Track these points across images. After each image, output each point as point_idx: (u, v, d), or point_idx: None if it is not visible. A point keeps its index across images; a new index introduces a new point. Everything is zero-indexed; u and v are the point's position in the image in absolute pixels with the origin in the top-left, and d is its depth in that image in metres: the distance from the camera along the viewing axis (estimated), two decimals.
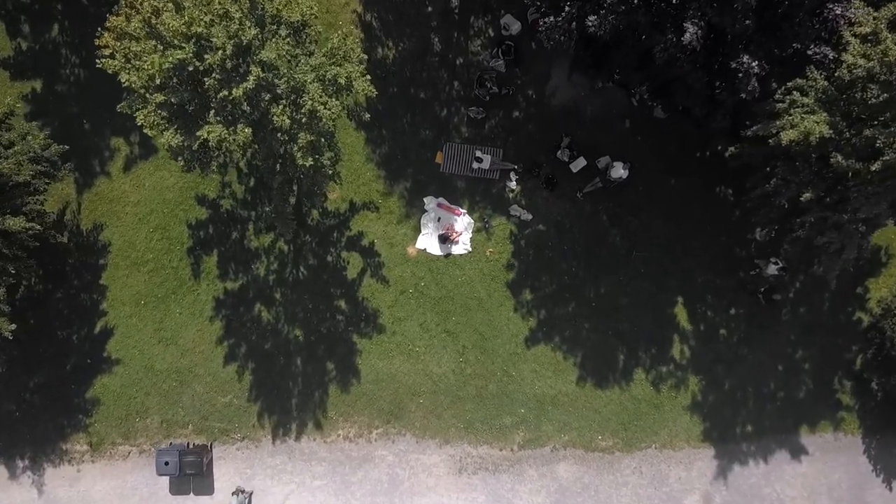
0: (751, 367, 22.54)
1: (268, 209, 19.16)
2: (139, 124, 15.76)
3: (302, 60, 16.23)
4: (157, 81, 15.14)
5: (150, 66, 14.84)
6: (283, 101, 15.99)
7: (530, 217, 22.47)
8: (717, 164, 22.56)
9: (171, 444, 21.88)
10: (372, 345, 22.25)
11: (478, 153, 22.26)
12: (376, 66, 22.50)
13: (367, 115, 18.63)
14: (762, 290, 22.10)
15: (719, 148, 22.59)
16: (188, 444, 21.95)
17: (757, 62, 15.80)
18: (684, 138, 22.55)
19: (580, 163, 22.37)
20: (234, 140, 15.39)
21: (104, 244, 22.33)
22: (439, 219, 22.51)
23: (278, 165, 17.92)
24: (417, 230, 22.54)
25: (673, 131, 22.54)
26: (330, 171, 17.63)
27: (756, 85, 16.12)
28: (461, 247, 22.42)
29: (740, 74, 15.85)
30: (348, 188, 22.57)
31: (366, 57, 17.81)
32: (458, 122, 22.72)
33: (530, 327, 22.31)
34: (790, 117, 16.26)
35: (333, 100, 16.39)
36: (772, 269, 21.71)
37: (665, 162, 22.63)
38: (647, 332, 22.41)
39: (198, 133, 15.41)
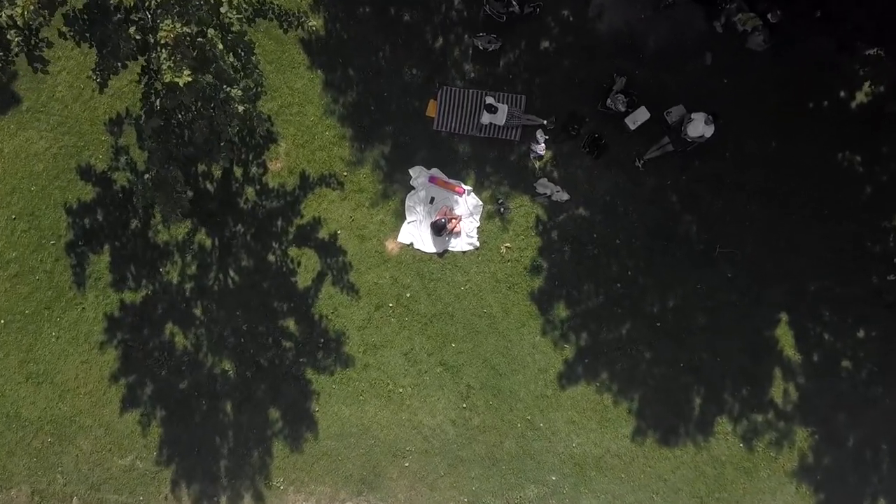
0: (886, 414, 15.46)
1: (146, 177, 12.06)
2: None
3: None
4: None
5: None
6: None
7: (566, 197, 15.30)
8: (841, 119, 15.35)
9: None
10: (334, 384, 15.33)
11: (489, 100, 15.02)
12: None
13: (313, 24, 11.51)
14: None
15: (842, 94, 15.38)
16: None
17: None
18: (792, 80, 15.25)
19: (641, 115, 15.12)
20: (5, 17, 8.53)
21: None
22: (432, 199, 15.40)
23: (158, 101, 10.83)
24: (400, 216, 15.45)
25: (776, 70, 15.24)
26: (241, 109, 10.50)
27: None
28: (464, 241, 15.33)
29: None
30: (298, 154, 15.46)
31: None
32: (459, 57, 15.46)
33: (565, 358, 15.30)
34: None
35: None
36: None
37: (763, 115, 15.34)
38: (736, 364, 15.34)
39: None
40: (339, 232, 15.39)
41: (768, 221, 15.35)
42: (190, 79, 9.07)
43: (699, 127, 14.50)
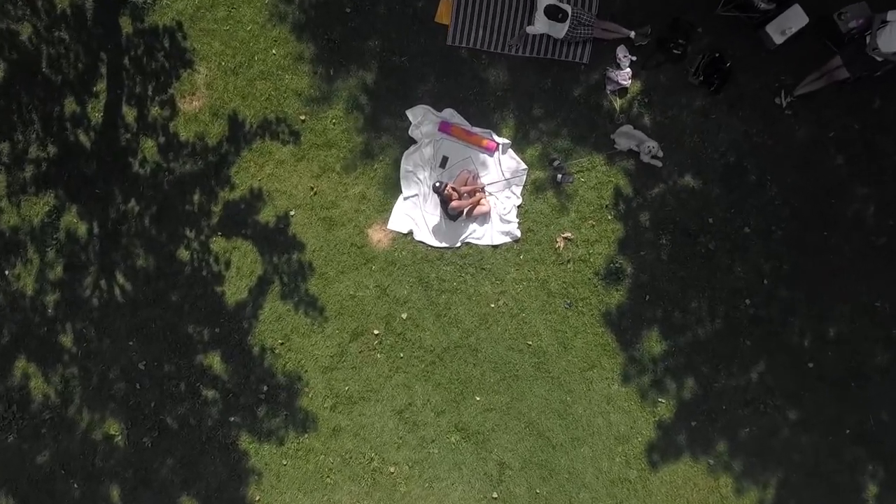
0: None
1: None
2: None
3: None
4: None
5: None
6: None
7: (660, 156, 9.35)
8: None
9: None
10: (285, 458, 9.52)
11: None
12: None
13: None
14: None
15: None
16: None
17: None
18: None
19: (793, 20, 9.04)
20: None
21: None
22: (444, 161, 9.50)
23: None
24: (392, 188, 9.55)
25: None
26: None
27: None
28: (495, 228, 9.43)
29: None
30: (228, 86, 9.56)
31: None
32: None
33: (658, 419, 9.43)
34: None
35: None
36: None
37: None
38: None
39: None
40: (292, 213, 9.52)
41: None
42: None
43: None
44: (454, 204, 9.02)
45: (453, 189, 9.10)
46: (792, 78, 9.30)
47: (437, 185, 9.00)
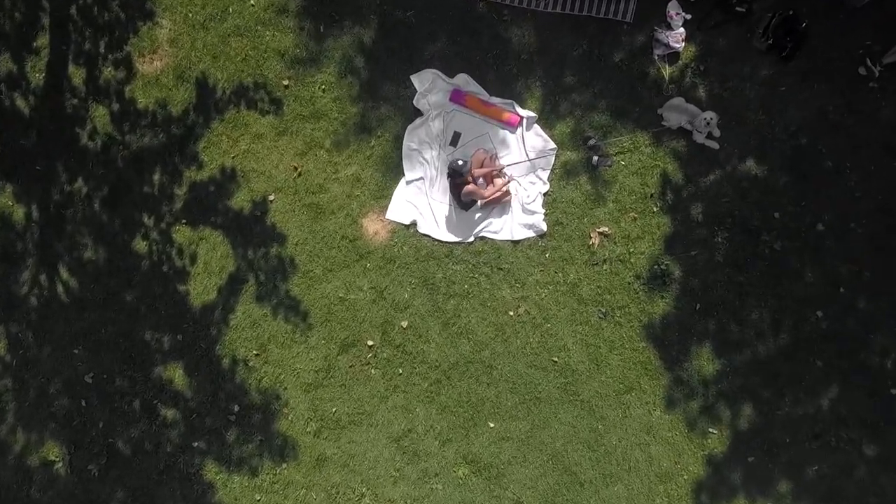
0: None
1: None
2: None
3: None
4: None
5: None
6: None
7: (717, 135, 7.76)
8: None
9: None
10: (259, 491, 7.98)
11: None
12: None
13: None
14: None
15: None
16: None
17: None
18: None
19: None
20: None
21: None
22: (456, 137, 7.94)
23: None
24: (392, 170, 7.99)
25: None
26: None
27: None
28: (517, 220, 7.87)
29: None
30: (195, 44, 8.02)
31: None
32: None
33: (708, 454, 7.88)
34: None
35: None
36: None
37: None
38: None
39: None
40: (272, 198, 7.96)
41: None
42: None
43: None
44: (469, 188, 7.44)
45: (487, 179, 7.51)
46: (880, 43, 7.73)
47: (459, 163, 7.39)
